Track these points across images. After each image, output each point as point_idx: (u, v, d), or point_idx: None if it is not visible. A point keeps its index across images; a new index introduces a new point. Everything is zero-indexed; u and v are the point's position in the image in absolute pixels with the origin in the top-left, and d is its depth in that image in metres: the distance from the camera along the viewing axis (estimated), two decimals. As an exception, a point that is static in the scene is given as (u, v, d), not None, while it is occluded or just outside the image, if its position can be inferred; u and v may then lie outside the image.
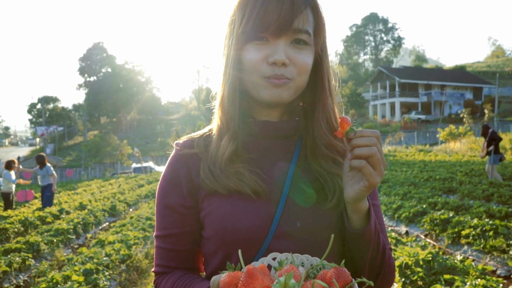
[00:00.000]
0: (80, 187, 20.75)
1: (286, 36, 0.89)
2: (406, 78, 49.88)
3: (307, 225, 0.92)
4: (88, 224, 8.96)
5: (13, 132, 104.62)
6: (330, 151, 0.98)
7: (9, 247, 6.31)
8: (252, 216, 0.91)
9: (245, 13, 0.90)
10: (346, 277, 0.70)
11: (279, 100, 0.92)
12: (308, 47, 0.92)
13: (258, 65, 0.90)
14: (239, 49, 0.92)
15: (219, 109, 0.98)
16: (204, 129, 1.05)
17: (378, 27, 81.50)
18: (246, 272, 0.66)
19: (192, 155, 0.99)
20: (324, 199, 0.94)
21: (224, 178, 0.93)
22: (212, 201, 0.95)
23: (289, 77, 0.90)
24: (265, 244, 0.90)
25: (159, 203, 1.01)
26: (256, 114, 1.00)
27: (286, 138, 1.00)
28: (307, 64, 0.92)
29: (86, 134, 59.87)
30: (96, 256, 5.54)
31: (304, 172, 0.97)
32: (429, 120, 46.46)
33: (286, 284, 0.65)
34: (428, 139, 35.85)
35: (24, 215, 9.26)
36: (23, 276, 5.57)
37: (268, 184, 0.94)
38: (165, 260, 1.00)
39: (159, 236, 1.01)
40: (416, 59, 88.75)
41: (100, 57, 68.77)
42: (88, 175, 36.05)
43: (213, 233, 0.94)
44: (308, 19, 0.90)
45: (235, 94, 0.95)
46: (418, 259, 4.21)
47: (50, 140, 58.66)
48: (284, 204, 0.93)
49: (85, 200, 13.03)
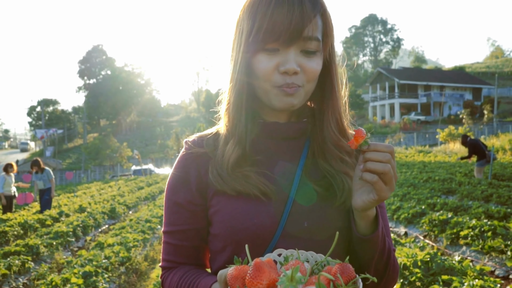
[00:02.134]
0: (80, 190, 20.74)
1: (296, 44, 0.90)
2: (406, 79, 49.92)
3: (314, 224, 0.94)
4: (88, 227, 8.96)
5: (13, 135, 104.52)
6: (339, 151, 0.99)
7: (8, 250, 6.32)
8: (261, 215, 0.93)
9: (255, 21, 0.90)
10: (350, 272, 0.71)
11: (291, 108, 0.94)
12: (318, 53, 0.93)
13: (269, 74, 0.91)
14: (249, 57, 0.92)
15: (225, 115, 1.00)
16: (212, 129, 1.07)
17: (377, 28, 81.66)
18: (254, 265, 0.68)
19: (202, 154, 1.01)
20: (332, 198, 0.96)
21: (231, 180, 0.94)
22: (221, 199, 0.96)
23: (299, 84, 0.92)
24: (272, 243, 0.92)
25: (168, 200, 1.03)
26: (265, 116, 1.01)
27: (295, 139, 1.01)
28: (317, 71, 0.93)
29: (85, 137, 59.87)
30: (96, 258, 5.54)
31: (312, 171, 0.99)
32: (428, 121, 46.47)
33: (293, 277, 0.66)
34: (427, 140, 35.88)
35: (23, 218, 9.26)
36: (23, 279, 5.58)
37: (276, 185, 0.96)
38: (172, 256, 1.02)
39: (167, 232, 1.03)
40: (416, 60, 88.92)
41: (99, 60, 68.85)
42: (88, 178, 36.02)
43: (221, 230, 0.95)
44: (318, 26, 0.91)
45: (242, 101, 0.96)
46: (416, 260, 4.22)
47: (50, 143, 58.65)
48: (291, 204, 0.94)
49: (85, 202, 13.03)
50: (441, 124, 39.47)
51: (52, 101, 70.77)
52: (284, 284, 0.66)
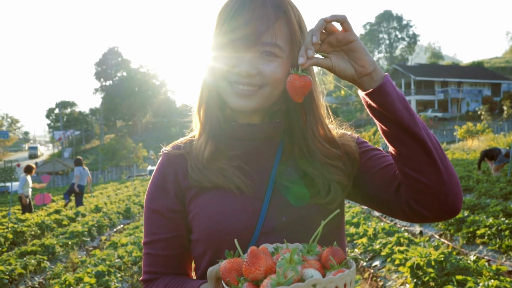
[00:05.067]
0: (97, 190, 21.05)
1: (255, 48, 0.92)
2: (422, 75, 49.20)
3: (292, 219, 0.94)
4: (103, 227, 9.08)
5: (32, 136, 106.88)
6: (328, 158, 0.99)
7: (25, 250, 6.44)
8: (237, 214, 0.93)
9: (218, 24, 0.94)
10: (341, 254, 0.75)
11: (247, 109, 0.95)
12: (279, 59, 0.93)
13: (226, 74, 0.94)
14: (212, 58, 0.96)
15: (197, 114, 1.04)
16: (190, 135, 1.09)
17: (393, 25, 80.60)
18: (250, 252, 0.69)
19: (179, 156, 1.02)
20: (313, 195, 0.96)
21: (208, 173, 0.96)
22: (198, 201, 0.97)
23: (258, 84, 0.93)
24: (252, 240, 0.92)
25: (147, 209, 1.03)
26: (238, 118, 1.02)
27: (270, 139, 1.02)
28: (276, 75, 0.93)
29: (102, 138, 60.77)
30: (109, 258, 5.60)
31: (289, 169, 1.00)
32: (446, 118, 45.70)
33: (292, 259, 0.68)
34: (445, 137, 35.27)
35: (41, 218, 9.44)
36: (39, 278, 5.67)
37: (252, 180, 0.97)
38: (154, 267, 1.01)
39: (147, 243, 1.02)
40: (432, 56, 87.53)
41: (115, 62, 69.71)
42: (105, 178, 36.56)
43: (200, 234, 0.96)
44: (281, 32, 0.92)
45: (209, 99, 0.99)
46: (430, 259, 4.13)
47: (68, 144, 59.69)
48: (269, 200, 0.95)
49: (101, 202, 13.22)
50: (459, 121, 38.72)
51: (70, 103, 72.09)
52: (284, 266, 0.68)
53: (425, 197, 0.90)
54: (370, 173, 0.99)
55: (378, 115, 0.89)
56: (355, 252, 5.79)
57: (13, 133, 75.80)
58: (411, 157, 0.88)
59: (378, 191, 0.98)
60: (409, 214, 0.94)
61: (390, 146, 0.91)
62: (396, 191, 0.95)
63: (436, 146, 0.89)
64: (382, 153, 1.03)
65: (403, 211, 0.95)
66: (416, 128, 0.87)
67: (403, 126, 0.87)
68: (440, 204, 0.90)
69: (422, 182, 0.88)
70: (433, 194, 0.89)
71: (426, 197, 0.90)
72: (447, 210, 0.91)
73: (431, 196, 0.89)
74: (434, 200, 0.90)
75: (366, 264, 5.31)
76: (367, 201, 1.04)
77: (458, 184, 0.91)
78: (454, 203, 0.90)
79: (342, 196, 0.99)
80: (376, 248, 5.43)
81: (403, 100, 0.88)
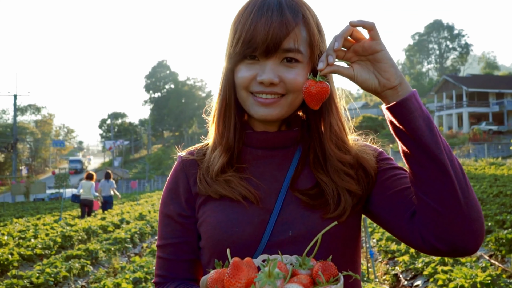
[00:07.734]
0: (142, 198, 21.73)
1: (275, 56, 0.89)
2: (475, 86, 46.89)
3: (298, 234, 0.91)
4: (145, 234, 9.32)
5: (86, 146, 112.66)
6: (342, 164, 0.96)
7: (70, 254, 6.73)
8: (242, 225, 0.92)
9: (236, 33, 0.91)
10: (332, 270, 0.72)
11: (269, 119, 0.93)
12: (300, 65, 0.91)
13: (247, 84, 0.92)
14: (231, 68, 0.94)
15: (213, 123, 1.03)
16: (205, 142, 1.09)
17: (443, 35, 77.73)
18: (232, 264, 0.68)
19: (191, 162, 1.03)
20: (322, 208, 0.93)
21: (214, 185, 0.95)
22: (206, 209, 0.97)
23: (281, 93, 0.91)
24: (257, 253, 0.90)
25: (160, 213, 1.05)
26: (254, 126, 1.01)
27: (285, 148, 0.99)
28: (298, 82, 0.91)
29: (150, 148, 62.88)
30: (147, 265, 5.72)
31: (302, 180, 0.97)
32: (501, 131, 43.15)
33: (271, 273, 0.66)
34: (500, 151, 33.27)
35: (88, 224, 9.85)
36: (81, 281, 5.90)
37: (261, 192, 0.94)
38: (164, 270, 1.01)
39: (159, 246, 1.03)
40: (486, 66, 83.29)
41: (164, 74, 72.33)
42: (151, 187, 37.69)
43: (205, 242, 0.96)
44: (301, 37, 0.90)
45: (227, 110, 0.98)
46: (476, 281, 3.88)
47: (118, 153, 62.28)
48: (278, 213, 0.92)
49: (145, 210, 13.61)
50: (516, 134, 36.48)
51: (121, 114, 75.40)
52: (262, 280, 0.65)
53: (438, 228, 0.82)
54: (386, 194, 0.93)
55: (398, 132, 0.85)
56: (396, 270, 5.54)
57: (69, 142, 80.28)
58: (428, 182, 0.82)
59: (393, 215, 0.91)
60: (421, 245, 0.87)
61: (408, 166, 0.86)
62: (410, 217, 0.88)
63: (458, 173, 0.81)
64: (403, 174, 0.95)
65: (415, 241, 0.87)
66: (437, 150, 0.81)
67: (423, 146, 0.81)
68: (454, 239, 0.82)
69: (437, 210, 0.81)
70: (447, 226, 0.81)
71: (440, 228, 0.82)
72: (461, 246, 0.82)
73: (445, 228, 0.81)
74: (448, 233, 0.82)
75: (407, 283, 5.07)
76: (382, 224, 0.96)
77: (479, 219, 0.82)
78: (470, 240, 0.82)
79: (355, 208, 0.95)
80: (418, 266, 5.16)
81: (427, 119, 0.82)
